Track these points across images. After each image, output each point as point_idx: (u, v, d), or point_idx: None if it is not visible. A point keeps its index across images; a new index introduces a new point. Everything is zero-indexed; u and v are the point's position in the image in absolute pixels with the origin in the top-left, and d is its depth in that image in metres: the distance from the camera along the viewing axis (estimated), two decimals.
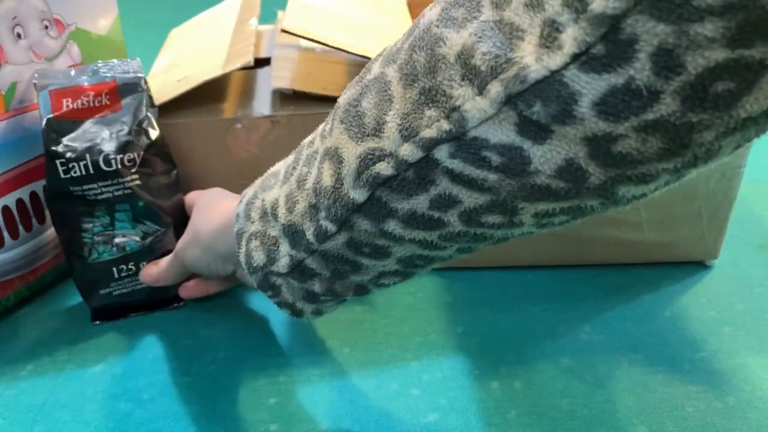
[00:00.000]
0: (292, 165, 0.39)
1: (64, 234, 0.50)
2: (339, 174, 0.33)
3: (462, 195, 0.31)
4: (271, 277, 0.41)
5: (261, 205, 0.40)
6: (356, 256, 0.36)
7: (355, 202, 0.33)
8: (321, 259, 0.38)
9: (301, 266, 0.39)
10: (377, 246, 0.35)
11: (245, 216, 0.41)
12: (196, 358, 0.49)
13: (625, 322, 0.51)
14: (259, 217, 0.40)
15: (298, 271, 0.39)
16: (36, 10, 0.52)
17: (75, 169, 0.48)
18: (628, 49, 0.23)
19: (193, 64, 0.60)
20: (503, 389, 0.46)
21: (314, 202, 0.36)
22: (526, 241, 0.56)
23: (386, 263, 0.37)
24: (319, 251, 0.37)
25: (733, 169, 0.53)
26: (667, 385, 0.46)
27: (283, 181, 0.39)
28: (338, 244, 0.36)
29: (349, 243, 0.36)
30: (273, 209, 0.39)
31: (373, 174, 0.32)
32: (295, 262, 0.39)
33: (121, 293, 0.53)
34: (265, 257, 0.40)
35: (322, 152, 0.35)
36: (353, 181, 0.33)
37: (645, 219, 0.56)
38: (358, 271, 0.38)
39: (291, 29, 0.49)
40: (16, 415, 0.45)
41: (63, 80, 0.50)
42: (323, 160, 0.35)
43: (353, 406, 0.45)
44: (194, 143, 0.56)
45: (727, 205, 0.55)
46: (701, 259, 0.58)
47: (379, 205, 0.33)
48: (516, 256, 0.58)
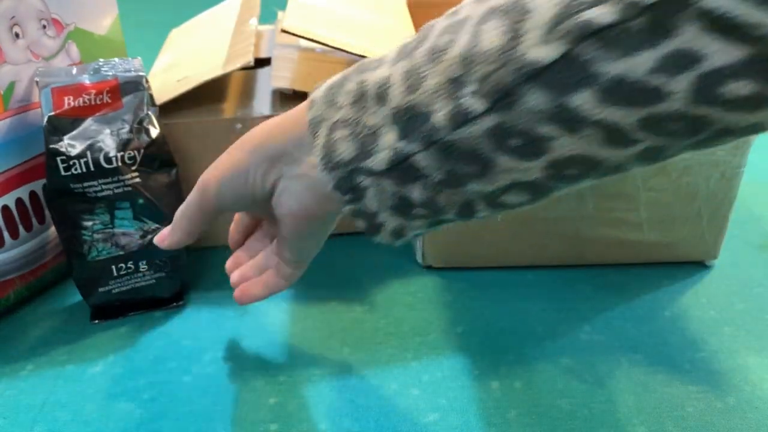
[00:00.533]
0: (414, 43, 0.31)
1: (64, 231, 0.50)
2: (517, 30, 0.26)
3: (709, 50, 0.23)
4: (357, 175, 0.33)
5: (357, 88, 0.33)
6: (495, 151, 0.29)
7: (538, 64, 0.26)
8: (439, 155, 0.30)
9: (407, 163, 0.31)
10: (534, 137, 0.28)
11: (327, 101, 0.34)
12: (196, 358, 0.49)
13: (625, 322, 0.52)
14: (352, 102, 0.33)
15: (399, 170, 0.32)
16: (34, 10, 0.52)
17: (75, 166, 0.48)
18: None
19: (193, 64, 0.60)
20: (503, 389, 0.46)
21: (458, 75, 0.28)
22: (526, 241, 0.57)
23: (531, 166, 0.29)
24: (444, 142, 0.30)
25: (733, 169, 0.54)
26: (667, 385, 0.46)
27: (399, 58, 0.32)
28: (478, 132, 0.29)
29: (494, 130, 0.28)
30: (380, 90, 0.32)
31: (581, 23, 0.24)
32: (400, 157, 0.31)
33: (120, 291, 0.53)
34: (355, 150, 0.32)
35: (483, 13, 0.28)
36: (544, 34, 0.25)
37: (645, 219, 0.56)
38: (485, 176, 0.30)
39: (291, 29, 0.50)
40: (16, 414, 0.45)
41: (65, 78, 0.50)
42: (485, 20, 0.28)
43: (353, 406, 0.45)
44: (194, 143, 0.56)
45: (726, 205, 0.55)
46: (701, 259, 0.58)
47: (575, 67, 0.25)
48: (516, 256, 0.58)
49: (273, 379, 0.47)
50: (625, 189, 0.54)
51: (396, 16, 0.63)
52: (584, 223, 0.56)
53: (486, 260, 0.58)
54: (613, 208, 0.55)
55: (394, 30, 0.58)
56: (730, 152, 0.53)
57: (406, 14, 0.65)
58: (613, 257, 0.58)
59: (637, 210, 0.55)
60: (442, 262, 0.58)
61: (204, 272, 0.59)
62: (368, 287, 0.56)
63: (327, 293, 0.56)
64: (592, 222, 0.56)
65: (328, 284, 0.57)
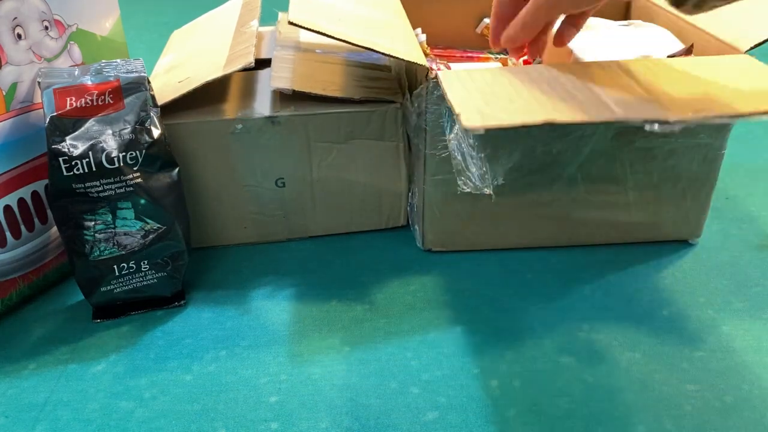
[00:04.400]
0: None
1: (65, 231, 0.51)
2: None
3: None
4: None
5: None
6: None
7: None
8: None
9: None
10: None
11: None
12: (197, 357, 0.49)
13: (625, 322, 0.52)
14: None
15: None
16: (36, 11, 0.52)
17: (78, 166, 0.49)
18: None
19: (195, 66, 0.61)
20: (502, 388, 0.46)
21: None
22: (520, 224, 0.59)
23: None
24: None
25: (715, 151, 0.56)
26: (665, 384, 0.46)
27: None
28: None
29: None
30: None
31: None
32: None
33: (122, 291, 0.53)
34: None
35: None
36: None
37: (632, 201, 0.58)
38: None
39: (297, 21, 0.50)
40: (18, 413, 0.45)
41: (67, 79, 0.51)
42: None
43: (353, 405, 0.45)
44: (195, 143, 0.57)
45: (708, 186, 0.58)
46: (685, 238, 0.61)
47: None
48: (511, 239, 0.60)
49: (274, 378, 0.47)
50: (613, 172, 0.56)
51: (392, 11, 0.63)
52: (575, 206, 0.58)
53: (483, 243, 0.60)
54: (602, 190, 0.57)
55: (393, 24, 0.59)
56: (711, 135, 0.55)
57: (401, 9, 0.65)
58: (602, 238, 0.60)
59: (625, 192, 0.57)
60: (440, 246, 0.60)
61: (205, 272, 0.59)
62: (368, 287, 0.57)
63: (327, 293, 0.56)
64: (583, 205, 0.58)
65: (328, 284, 0.57)
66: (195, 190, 0.59)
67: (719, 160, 0.57)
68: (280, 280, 0.57)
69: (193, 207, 0.59)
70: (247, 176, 0.59)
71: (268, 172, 0.59)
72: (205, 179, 0.58)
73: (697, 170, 0.57)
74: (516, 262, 0.59)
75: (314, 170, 0.59)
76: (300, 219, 0.62)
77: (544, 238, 0.60)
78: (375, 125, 0.58)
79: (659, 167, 0.56)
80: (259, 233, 0.62)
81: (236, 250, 0.62)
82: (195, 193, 0.59)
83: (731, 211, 0.66)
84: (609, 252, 0.60)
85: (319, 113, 0.57)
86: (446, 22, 0.80)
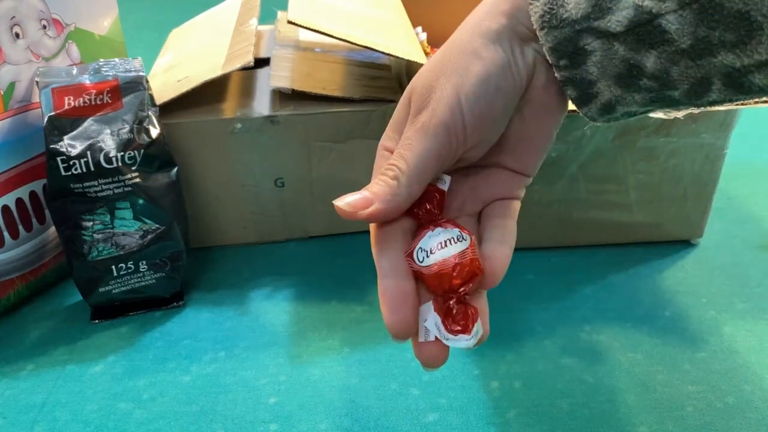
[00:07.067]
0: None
1: (64, 231, 0.50)
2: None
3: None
4: (585, 36, 0.29)
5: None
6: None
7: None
8: (696, 18, 0.26)
9: (651, 26, 0.27)
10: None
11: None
12: (195, 358, 0.49)
13: (625, 322, 0.52)
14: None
15: (639, 33, 0.27)
16: (35, 10, 0.52)
17: (76, 166, 0.48)
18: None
19: (194, 65, 0.60)
20: (503, 389, 0.46)
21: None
22: (522, 224, 0.58)
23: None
24: (706, 1, 0.25)
25: (717, 150, 0.56)
26: (666, 385, 0.46)
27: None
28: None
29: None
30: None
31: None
32: (645, 17, 0.27)
33: (120, 291, 0.53)
34: (587, 7, 0.28)
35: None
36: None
37: (634, 201, 0.58)
38: (743, 46, 0.25)
39: (296, 20, 0.49)
40: (16, 414, 0.45)
41: (65, 78, 0.50)
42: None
43: (353, 406, 0.45)
44: (194, 143, 0.56)
45: (711, 186, 0.58)
46: (687, 238, 0.61)
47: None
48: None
49: (273, 379, 0.47)
50: (615, 172, 0.56)
51: (392, 9, 0.63)
52: (576, 207, 0.58)
53: None
54: (604, 191, 0.57)
55: (393, 23, 0.59)
56: (714, 135, 0.55)
57: (401, 7, 0.65)
58: (604, 238, 0.60)
59: (627, 192, 0.57)
60: None
61: (204, 272, 0.59)
62: (368, 287, 0.56)
63: (327, 293, 0.56)
64: (584, 205, 0.58)
65: (328, 284, 0.57)
66: (194, 190, 0.58)
67: (721, 160, 0.56)
68: (280, 281, 0.57)
69: (192, 207, 0.59)
70: (246, 176, 0.59)
71: (268, 171, 0.59)
72: (204, 179, 0.58)
73: (698, 170, 0.57)
74: (517, 263, 0.58)
75: (314, 170, 0.59)
76: (299, 219, 0.62)
77: (545, 239, 0.60)
78: (375, 125, 0.58)
79: (661, 167, 0.56)
80: (259, 233, 0.62)
81: (235, 251, 0.62)
82: (194, 193, 0.59)
83: (733, 211, 0.65)
84: (610, 252, 0.60)
85: (319, 113, 0.57)
86: (447, 21, 0.80)
